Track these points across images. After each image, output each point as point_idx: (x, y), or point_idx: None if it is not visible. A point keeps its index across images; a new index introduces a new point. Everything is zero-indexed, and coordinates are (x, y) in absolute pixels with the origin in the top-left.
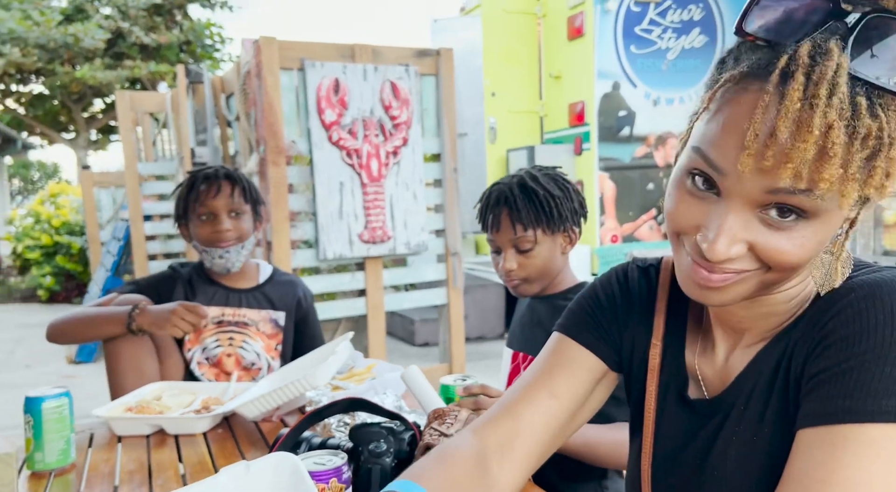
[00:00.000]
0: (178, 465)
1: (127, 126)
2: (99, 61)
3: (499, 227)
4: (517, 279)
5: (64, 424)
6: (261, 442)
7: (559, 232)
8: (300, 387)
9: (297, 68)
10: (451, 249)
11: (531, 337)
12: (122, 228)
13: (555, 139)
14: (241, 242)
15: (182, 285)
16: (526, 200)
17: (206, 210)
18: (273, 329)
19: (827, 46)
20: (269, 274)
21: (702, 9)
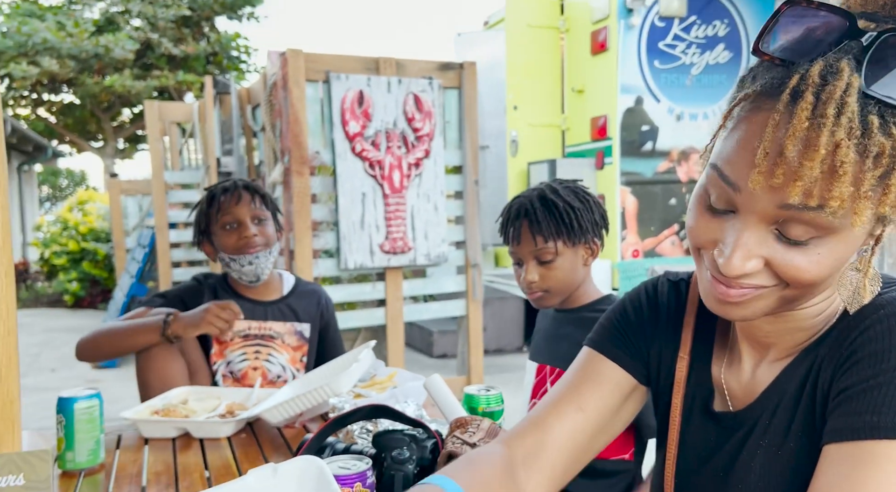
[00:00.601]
0: (202, 468)
1: (154, 135)
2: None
3: (519, 239)
4: (539, 291)
5: (94, 424)
6: (284, 447)
7: (580, 244)
8: (323, 394)
9: (322, 80)
10: (472, 260)
11: (556, 350)
12: (147, 235)
13: (576, 153)
14: (268, 248)
15: (209, 296)
16: (546, 211)
17: (231, 218)
18: (298, 341)
19: (838, 66)
20: (293, 285)
21: (727, 24)
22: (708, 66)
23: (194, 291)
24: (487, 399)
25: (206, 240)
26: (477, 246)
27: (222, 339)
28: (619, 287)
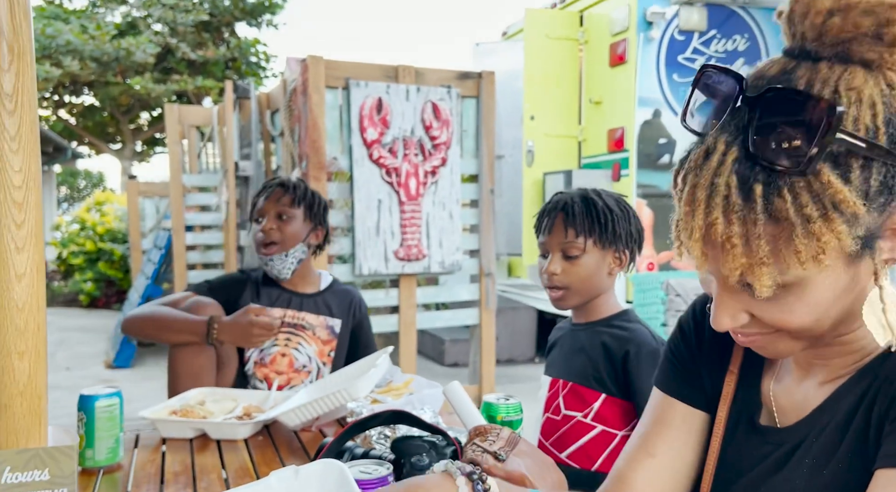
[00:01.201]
0: (220, 469)
1: (174, 138)
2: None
3: (551, 229)
4: (559, 285)
5: (114, 423)
6: (300, 451)
7: (609, 249)
8: (340, 398)
9: (341, 87)
10: (486, 269)
11: (571, 364)
12: (163, 237)
13: (592, 164)
14: (283, 251)
15: (250, 288)
16: (584, 207)
17: (258, 212)
18: (328, 335)
19: (716, 142)
20: (329, 283)
21: (746, 39)
22: None
23: (238, 283)
24: (507, 408)
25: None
26: (491, 255)
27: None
28: (633, 300)
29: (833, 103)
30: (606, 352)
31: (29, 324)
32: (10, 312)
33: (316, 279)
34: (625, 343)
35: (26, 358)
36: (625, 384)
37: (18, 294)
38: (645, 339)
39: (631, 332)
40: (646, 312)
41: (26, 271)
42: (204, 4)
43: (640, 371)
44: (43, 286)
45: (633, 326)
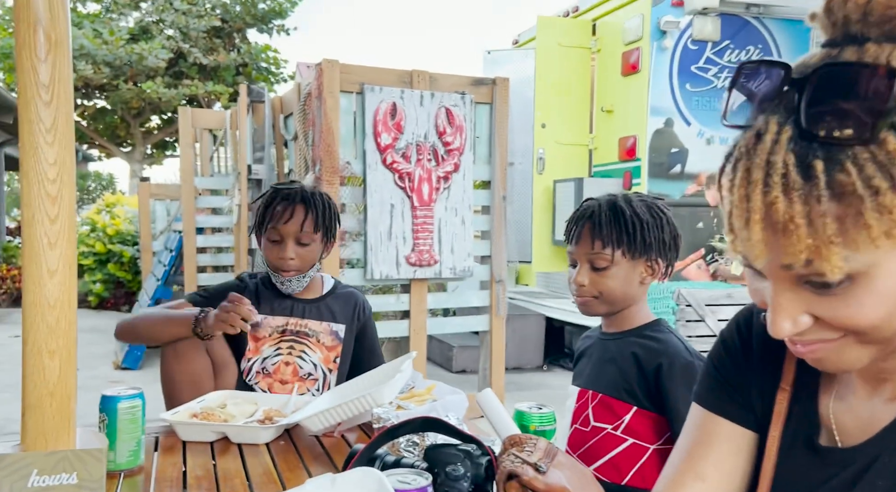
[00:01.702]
0: (243, 474)
1: (186, 141)
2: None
3: (578, 239)
4: (587, 296)
5: (136, 425)
6: (323, 456)
7: (640, 259)
8: (365, 403)
9: (356, 92)
10: (497, 276)
11: (601, 374)
12: (174, 239)
13: (603, 173)
14: (302, 272)
15: (249, 296)
16: (611, 217)
17: (277, 234)
18: (333, 341)
19: (767, 124)
20: (332, 286)
21: (760, 50)
22: None
23: (235, 290)
24: (541, 418)
25: (259, 232)
26: (502, 262)
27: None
28: None
29: (893, 68)
30: (638, 363)
31: (60, 322)
32: (42, 309)
33: (318, 284)
34: (657, 355)
35: (57, 357)
36: (657, 397)
37: (50, 291)
38: (678, 351)
39: (663, 343)
40: None
41: (59, 268)
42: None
43: (674, 385)
44: (75, 283)
45: (665, 337)
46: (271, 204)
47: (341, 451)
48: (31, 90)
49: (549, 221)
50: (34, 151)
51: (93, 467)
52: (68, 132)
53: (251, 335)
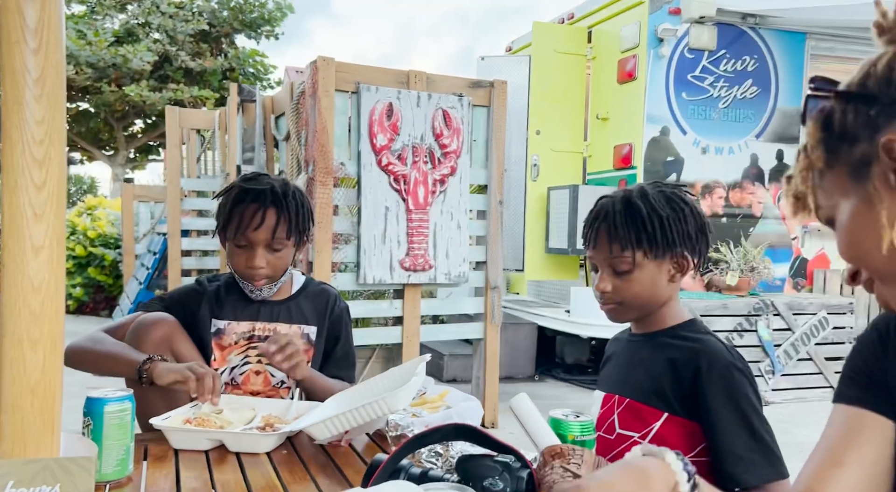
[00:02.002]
0: (245, 487)
1: (173, 141)
2: (144, 83)
3: (595, 243)
4: (612, 303)
5: (125, 431)
6: (331, 466)
7: (665, 257)
8: (379, 409)
9: (351, 91)
10: (492, 282)
11: (628, 378)
12: (158, 241)
13: (598, 181)
14: (273, 280)
15: (208, 301)
16: (627, 217)
17: (244, 240)
18: (305, 345)
19: None
20: (302, 284)
21: (756, 60)
22: (736, 101)
23: (195, 295)
24: (581, 427)
25: (223, 233)
26: (498, 268)
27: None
28: None
29: None
30: (672, 366)
31: (46, 307)
32: (25, 292)
33: (287, 283)
34: (695, 356)
35: (40, 348)
36: (692, 403)
37: (35, 271)
38: (718, 351)
39: (702, 344)
40: None
41: (45, 243)
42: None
43: (713, 388)
44: (63, 262)
45: (703, 338)
46: (238, 205)
47: (350, 461)
48: (15, 34)
49: (543, 229)
50: (19, 107)
51: (80, 479)
52: (59, 85)
53: (216, 344)
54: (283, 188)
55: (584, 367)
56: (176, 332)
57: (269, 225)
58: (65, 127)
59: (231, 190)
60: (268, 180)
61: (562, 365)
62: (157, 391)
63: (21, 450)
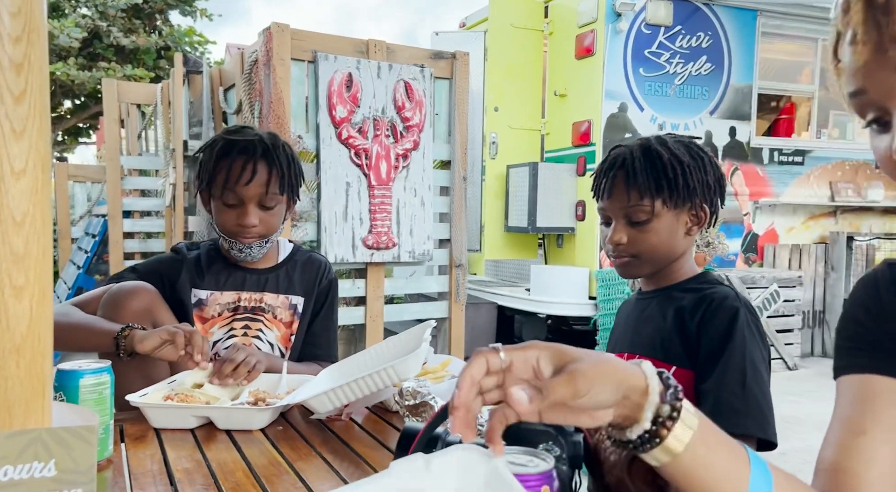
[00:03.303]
0: (244, 466)
1: (111, 116)
2: (72, 60)
3: (611, 193)
4: (626, 255)
5: (104, 407)
6: (335, 441)
7: (684, 207)
8: (387, 378)
9: (308, 60)
10: (456, 260)
11: (636, 335)
12: (97, 223)
13: (556, 158)
14: (264, 238)
15: (189, 270)
16: (647, 163)
17: (234, 197)
18: (290, 316)
19: None
20: (290, 252)
21: (710, 37)
22: (691, 77)
23: (173, 264)
24: None
25: (205, 191)
26: (462, 245)
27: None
28: (598, 296)
29: None
30: (679, 317)
31: (31, 246)
32: (5, 226)
33: (273, 250)
34: (701, 302)
35: (26, 296)
36: (696, 349)
37: (16, 201)
38: (726, 295)
39: (713, 290)
40: (612, 308)
41: (27, 168)
42: None
43: (712, 328)
44: (48, 190)
45: (713, 287)
46: (224, 159)
47: (354, 435)
48: None
49: (502, 208)
50: None
51: (79, 453)
52: None
53: (197, 316)
54: (271, 140)
55: None
56: (157, 301)
57: (261, 179)
58: (46, 26)
59: (214, 144)
60: (254, 132)
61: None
62: (135, 365)
63: (6, 421)
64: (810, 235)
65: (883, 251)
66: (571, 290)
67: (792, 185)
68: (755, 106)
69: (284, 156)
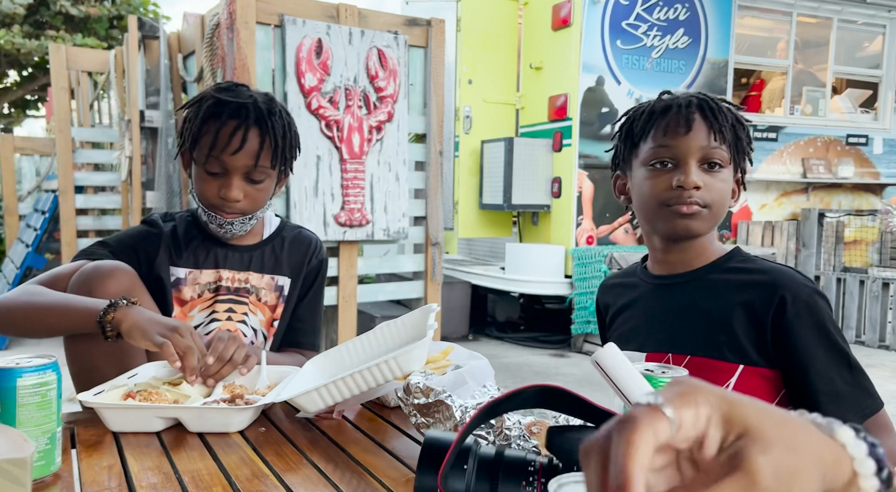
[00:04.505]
0: (223, 477)
1: (60, 85)
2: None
3: (690, 128)
4: (701, 202)
5: (48, 412)
6: (328, 445)
7: (739, 168)
8: (388, 372)
9: (274, 24)
10: (433, 238)
11: (681, 331)
12: (47, 199)
13: (531, 133)
14: (248, 215)
15: (166, 245)
16: (723, 111)
17: (219, 166)
18: (276, 299)
19: None
20: (277, 227)
21: (687, 9)
22: (668, 50)
23: (150, 238)
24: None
25: (186, 153)
26: (438, 223)
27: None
28: (574, 275)
29: None
30: (745, 306)
31: None
32: None
33: (258, 225)
34: (773, 290)
35: None
36: (774, 346)
37: None
38: (797, 280)
39: (773, 274)
40: (588, 287)
41: None
42: None
43: (802, 323)
44: None
45: (769, 266)
46: (212, 121)
47: (349, 437)
48: None
49: (476, 184)
50: None
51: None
52: None
53: (175, 297)
54: (267, 105)
55: (516, 324)
56: (137, 285)
57: (251, 149)
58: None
59: (202, 101)
60: (248, 93)
61: (494, 323)
62: (104, 349)
63: None
64: (782, 212)
65: (852, 227)
66: (547, 268)
67: (765, 161)
68: (731, 81)
69: (280, 124)
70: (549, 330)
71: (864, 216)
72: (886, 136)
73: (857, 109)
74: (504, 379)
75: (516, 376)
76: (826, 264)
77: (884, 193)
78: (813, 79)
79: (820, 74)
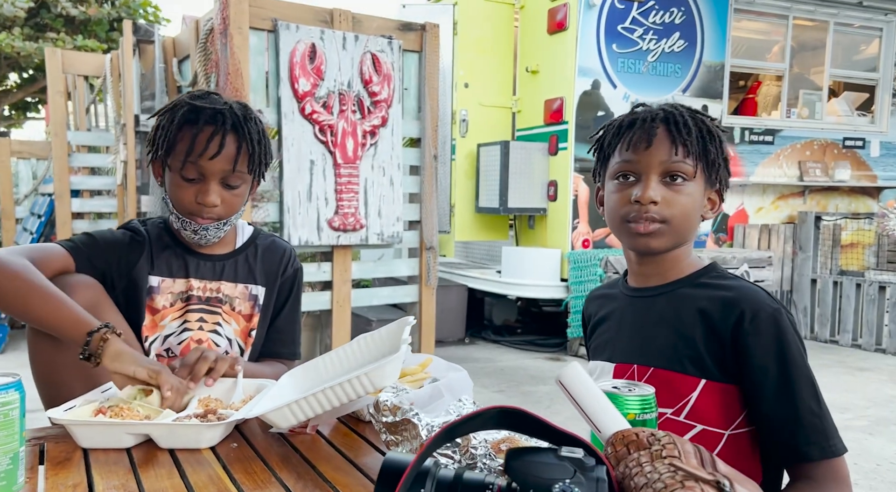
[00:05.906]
0: None
1: (57, 89)
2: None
3: (650, 143)
4: (657, 218)
5: (11, 431)
6: (297, 460)
7: (713, 183)
8: (360, 387)
9: (268, 29)
10: (427, 242)
11: (647, 342)
12: (43, 203)
13: (527, 137)
14: (223, 220)
15: (147, 254)
16: (692, 123)
17: (195, 171)
18: (251, 308)
19: None
20: (250, 236)
21: (683, 13)
22: (664, 54)
23: (134, 246)
24: (641, 403)
25: (158, 161)
26: (433, 227)
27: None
28: (570, 278)
29: None
30: (706, 321)
31: None
32: None
33: (232, 233)
34: (733, 305)
35: None
36: (733, 362)
37: None
38: (760, 298)
39: (737, 290)
40: (584, 290)
41: None
42: None
43: (760, 340)
44: None
45: (736, 283)
46: (187, 127)
47: (321, 454)
48: None
49: (472, 188)
50: None
51: None
52: None
53: (148, 307)
54: (242, 111)
55: (513, 327)
56: (102, 299)
57: (229, 154)
58: None
59: (176, 108)
60: (223, 101)
61: (490, 326)
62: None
63: None
64: (779, 215)
65: (849, 231)
66: (543, 272)
67: (761, 164)
68: (727, 84)
69: (256, 130)
70: (546, 333)
71: (861, 219)
72: (883, 139)
73: (854, 112)
74: (500, 383)
75: (512, 379)
76: (823, 268)
77: (880, 196)
78: (809, 82)
79: (816, 77)
